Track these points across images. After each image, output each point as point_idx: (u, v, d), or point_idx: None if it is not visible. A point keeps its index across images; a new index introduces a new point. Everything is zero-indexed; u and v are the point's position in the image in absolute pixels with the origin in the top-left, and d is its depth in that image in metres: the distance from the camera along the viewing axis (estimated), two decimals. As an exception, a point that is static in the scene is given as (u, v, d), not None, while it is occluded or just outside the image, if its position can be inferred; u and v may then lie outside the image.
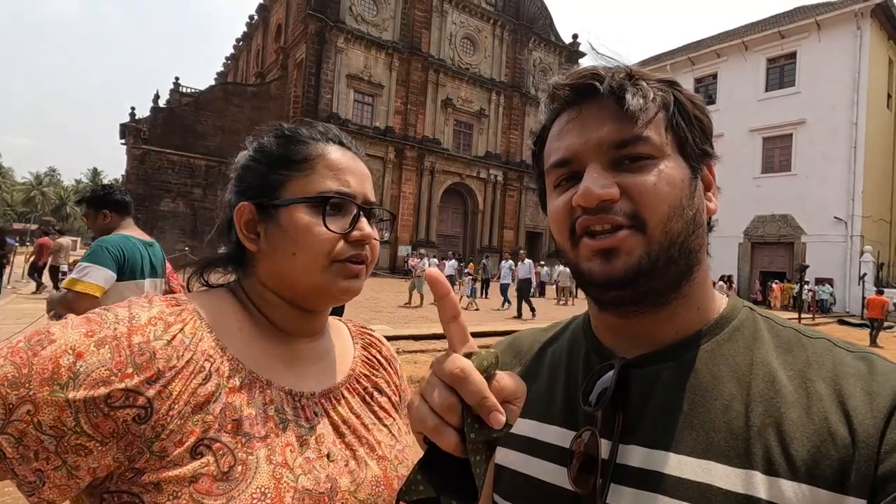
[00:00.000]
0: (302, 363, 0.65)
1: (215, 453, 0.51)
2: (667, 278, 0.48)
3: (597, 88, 0.48)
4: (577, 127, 0.50)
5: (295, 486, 0.54)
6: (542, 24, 34.91)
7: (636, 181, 0.47)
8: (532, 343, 0.66)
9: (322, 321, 0.69)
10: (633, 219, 0.47)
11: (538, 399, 0.58)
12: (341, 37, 26.82)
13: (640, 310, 0.50)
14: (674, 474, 0.44)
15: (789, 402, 0.44)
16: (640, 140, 0.48)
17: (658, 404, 0.48)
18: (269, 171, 0.62)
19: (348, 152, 0.66)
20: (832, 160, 20.12)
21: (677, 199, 0.48)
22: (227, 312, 0.61)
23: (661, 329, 0.51)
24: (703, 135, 0.51)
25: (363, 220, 0.62)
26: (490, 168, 31.54)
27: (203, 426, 0.52)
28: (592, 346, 0.57)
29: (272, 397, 0.58)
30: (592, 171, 0.48)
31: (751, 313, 0.53)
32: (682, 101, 0.50)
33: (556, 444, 0.53)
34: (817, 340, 0.49)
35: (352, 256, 0.61)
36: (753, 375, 0.46)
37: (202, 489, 0.50)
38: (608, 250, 0.47)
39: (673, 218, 0.47)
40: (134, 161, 25.75)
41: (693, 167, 0.50)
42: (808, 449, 0.41)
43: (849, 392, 0.43)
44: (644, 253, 0.47)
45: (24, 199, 67.20)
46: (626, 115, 0.47)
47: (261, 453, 0.54)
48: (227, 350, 0.57)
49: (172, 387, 0.51)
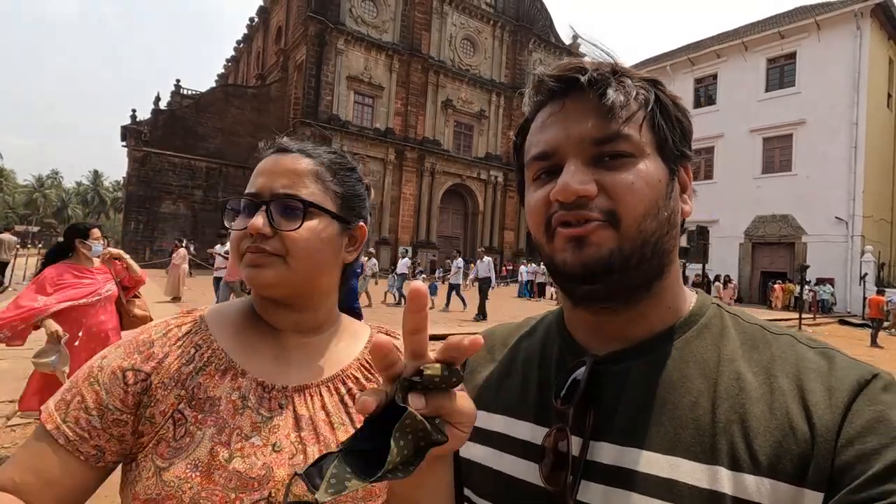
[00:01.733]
0: (288, 358, 0.70)
1: (175, 422, 0.60)
2: (638, 277, 0.48)
3: (580, 82, 0.48)
4: (560, 121, 0.50)
5: (227, 465, 0.59)
6: (541, 26, 34.97)
7: (614, 179, 0.47)
8: (506, 338, 0.66)
9: (313, 319, 0.72)
10: (609, 215, 0.47)
11: (511, 395, 0.58)
12: (341, 38, 26.87)
13: (613, 307, 0.50)
14: (643, 471, 0.45)
15: (754, 398, 0.44)
16: (621, 137, 0.48)
17: (628, 401, 0.49)
18: None
19: (278, 155, 0.70)
20: (832, 160, 20.10)
21: (654, 200, 0.48)
22: (227, 315, 0.71)
23: (632, 327, 0.52)
24: (682, 136, 0.52)
25: (256, 214, 0.65)
26: (490, 169, 31.57)
27: (177, 399, 0.61)
28: (565, 343, 0.57)
29: (241, 384, 0.64)
30: (571, 167, 0.48)
31: (718, 310, 0.53)
32: (664, 100, 0.50)
33: (528, 441, 0.53)
34: (781, 337, 0.49)
35: (248, 248, 0.65)
36: (720, 372, 0.47)
37: (159, 452, 0.59)
38: (580, 238, 0.48)
39: (648, 217, 0.47)
40: (135, 163, 25.79)
41: (671, 168, 0.50)
42: (770, 444, 0.42)
43: (809, 387, 0.43)
44: (616, 247, 0.47)
45: (25, 201, 67.29)
46: (608, 112, 0.47)
47: (209, 431, 0.60)
48: (216, 342, 0.66)
49: (165, 363, 0.63)
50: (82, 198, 73.27)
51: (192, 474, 0.57)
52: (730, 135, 22.72)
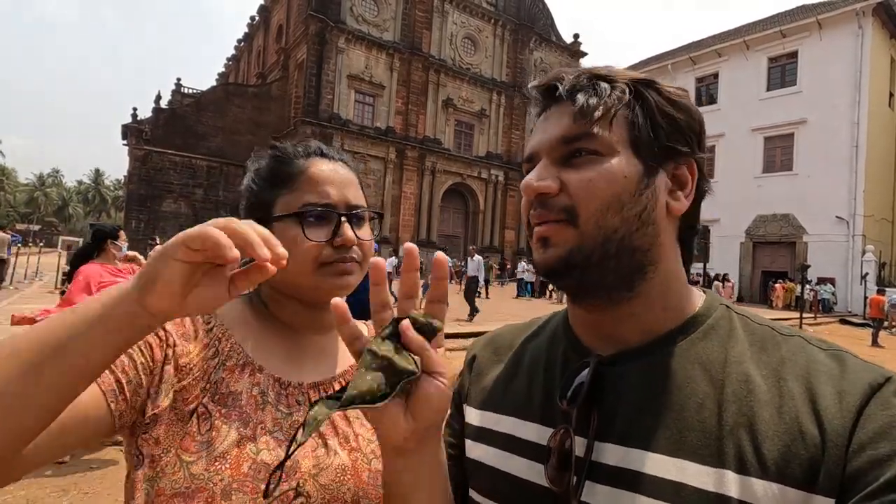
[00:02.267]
0: (302, 355, 0.72)
1: (199, 417, 0.61)
2: (607, 273, 0.49)
3: (557, 90, 0.52)
4: (542, 126, 0.53)
5: (254, 457, 0.60)
6: (543, 24, 34.93)
7: (574, 177, 0.49)
8: (512, 339, 0.66)
9: (329, 317, 0.73)
10: (568, 213, 0.49)
11: (517, 396, 0.59)
12: (342, 37, 26.85)
13: (596, 305, 0.52)
14: (648, 472, 0.45)
15: (762, 402, 0.44)
16: (587, 136, 0.49)
17: (633, 402, 0.49)
18: (262, 190, 0.71)
19: (329, 162, 0.72)
20: (833, 159, 20.08)
21: (614, 195, 0.48)
22: (237, 310, 0.72)
23: (622, 327, 0.52)
24: (674, 133, 0.51)
25: (345, 226, 0.68)
26: (491, 168, 31.56)
27: (202, 392, 0.62)
28: (570, 344, 0.57)
29: (259, 380, 0.66)
30: (539, 166, 0.51)
31: (726, 311, 0.53)
32: (648, 98, 0.50)
33: (534, 441, 0.54)
34: (791, 338, 0.49)
35: (338, 259, 0.68)
36: (727, 374, 0.47)
37: (185, 447, 0.59)
38: (544, 239, 0.50)
39: (608, 213, 0.48)
40: (136, 162, 25.82)
41: (648, 164, 0.50)
42: (778, 448, 0.41)
43: (820, 391, 0.43)
44: (575, 246, 0.48)
45: (26, 199, 67.35)
46: (579, 114, 0.49)
47: (234, 425, 0.61)
48: (233, 337, 0.67)
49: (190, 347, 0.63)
50: (83, 196, 73.34)
51: (222, 467, 0.58)
52: (731, 134, 22.70)
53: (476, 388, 0.64)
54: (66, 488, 3.01)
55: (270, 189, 0.71)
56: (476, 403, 0.63)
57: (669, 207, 0.51)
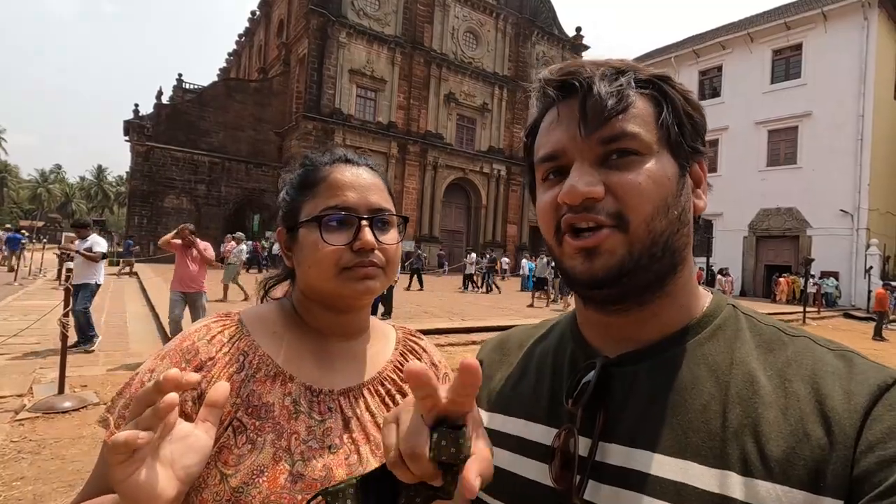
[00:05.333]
0: (332, 362, 0.72)
1: (235, 430, 0.61)
2: (650, 276, 0.48)
3: (582, 85, 0.48)
4: (565, 121, 0.50)
5: (290, 469, 0.61)
6: (545, 18, 34.70)
7: (621, 179, 0.47)
8: (521, 341, 0.67)
9: (357, 323, 0.75)
10: (617, 218, 0.47)
11: (525, 397, 0.59)
12: (343, 32, 26.74)
13: (624, 307, 0.50)
14: (652, 473, 0.45)
15: (767, 403, 0.44)
16: (627, 136, 0.47)
17: (638, 403, 0.48)
18: (292, 199, 0.73)
19: (351, 168, 0.72)
20: (838, 152, 19.97)
21: (662, 198, 0.47)
22: (267, 319, 0.72)
23: (643, 328, 0.51)
24: (694, 132, 0.51)
25: (364, 230, 0.68)
26: (493, 163, 31.47)
27: (233, 407, 0.62)
28: (578, 345, 0.57)
29: (291, 390, 0.66)
30: (578, 168, 0.48)
31: (733, 311, 0.53)
32: (673, 97, 0.50)
33: (541, 442, 0.54)
34: (798, 339, 0.48)
35: (358, 263, 0.67)
36: (732, 375, 0.46)
37: (223, 459, 0.59)
38: (590, 249, 0.47)
39: (657, 217, 0.47)
40: (138, 158, 25.82)
41: (682, 164, 0.50)
42: (783, 449, 0.41)
43: (827, 392, 0.42)
44: (626, 252, 0.46)
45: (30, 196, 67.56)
46: (613, 111, 0.47)
47: (268, 436, 0.61)
48: (261, 348, 0.67)
49: (214, 371, 0.63)
50: (86, 192, 73.51)
51: (259, 479, 0.59)
52: (735, 127, 22.58)
53: (484, 391, 0.64)
54: (72, 483, 3.04)
55: (298, 196, 0.72)
56: (484, 405, 0.63)
57: (695, 206, 0.52)
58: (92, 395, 4.66)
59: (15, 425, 3.94)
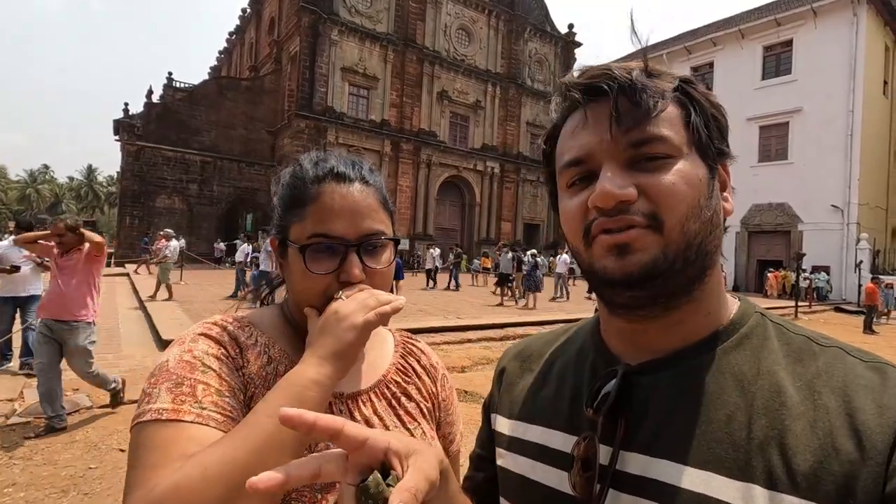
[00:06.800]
0: None
1: None
2: (681, 280, 0.47)
3: (610, 88, 0.47)
4: (592, 126, 0.49)
5: None
6: (537, 15, 34.72)
7: (654, 181, 0.46)
8: (541, 349, 0.67)
9: None
10: (651, 219, 0.46)
11: (545, 405, 0.59)
12: (335, 29, 26.62)
13: (651, 313, 0.49)
14: (673, 483, 0.44)
15: (794, 415, 0.42)
16: (658, 139, 0.47)
17: (660, 412, 0.48)
18: (281, 215, 0.71)
19: (342, 186, 0.68)
20: (828, 148, 20.15)
21: (695, 200, 0.46)
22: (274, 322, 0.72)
23: (667, 335, 0.50)
24: (719, 134, 0.51)
25: (350, 261, 0.66)
26: (487, 160, 31.50)
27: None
28: (599, 353, 0.56)
29: None
30: (608, 171, 0.46)
31: (762, 319, 0.51)
32: (698, 99, 0.50)
33: (561, 450, 0.54)
34: (829, 349, 0.47)
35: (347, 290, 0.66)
36: (759, 386, 0.45)
37: None
38: (623, 245, 0.46)
39: (691, 218, 0.46)
40: (128, 157, 25.59)
41: (710, 166, 0.49)
42: (810, 463, 0.40)
43: (858, 404, 0.41)
44: (660, 253, 0.45)
45: (18, 197, 66.75)
46: (642, 114, 0.46)
47: None
48: (277, 344, 0.69)
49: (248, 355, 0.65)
50: (76, 193, 72.77)
51: None
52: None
53: (506, 399, 0.65)
54: (65, 489, 3.00)
55: (286, 213, 0.70)
56: (506, 413, 0.63)
57: (723, 209, 0.51)
58: (84, 398, 4.62)
59: (6, 430, 3.89)
